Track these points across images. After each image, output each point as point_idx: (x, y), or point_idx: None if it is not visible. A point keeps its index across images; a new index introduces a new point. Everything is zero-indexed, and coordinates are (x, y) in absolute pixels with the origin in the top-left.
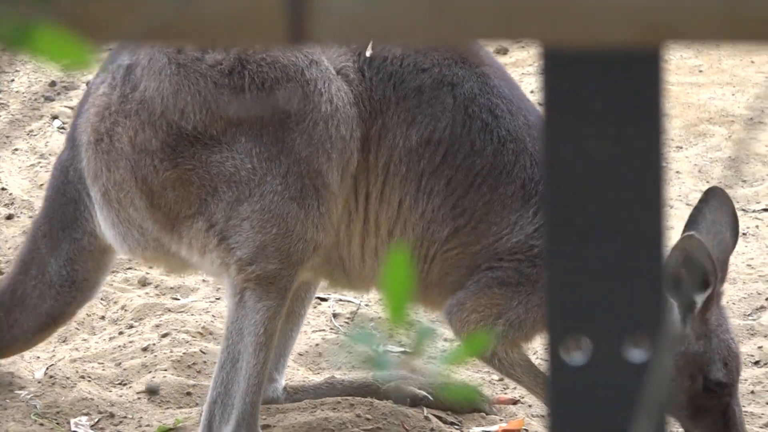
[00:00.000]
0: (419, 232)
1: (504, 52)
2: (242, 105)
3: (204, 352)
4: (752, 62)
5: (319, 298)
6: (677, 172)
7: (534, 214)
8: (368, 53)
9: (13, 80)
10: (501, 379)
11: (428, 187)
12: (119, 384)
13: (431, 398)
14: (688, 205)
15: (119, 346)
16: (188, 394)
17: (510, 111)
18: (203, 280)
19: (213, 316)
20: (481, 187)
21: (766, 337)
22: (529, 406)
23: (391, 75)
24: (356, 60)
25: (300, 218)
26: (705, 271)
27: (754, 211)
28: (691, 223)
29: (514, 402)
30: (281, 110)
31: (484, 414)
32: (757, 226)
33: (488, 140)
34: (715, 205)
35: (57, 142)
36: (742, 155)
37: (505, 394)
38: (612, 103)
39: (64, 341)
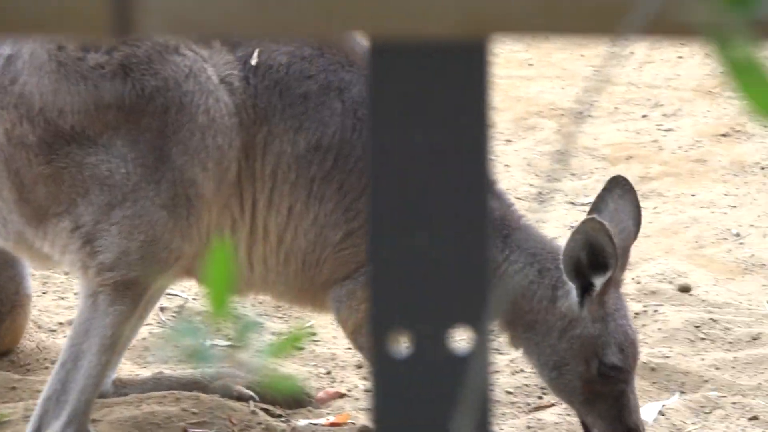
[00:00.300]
0: (311, 237)
1: None
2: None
3: (30, 347)
4: (582, 56)
5: None
6: (507, 165)
7: None
8: (254, 62)
9: None
10: (328, 373)
11: (320, 192)
12: None
13: (258, 398)
14: (517, 198)
15: None
16: (13, 388)
17: None
18: (31, 274)
19: (39, 310)
20: None
21: None
22: (356, 399)
23: (276, 82)
24: (242, 68)
25: (168, 227)
26: (605, 254)
27: (582, 204)
28: (594, 211)
29: (341, 396)
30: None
31: (310, 408)
32: None
33: None
34: (618, 194)
35: None
36: (571, 148)
37: (332, 387)
38: (438, 96)
39: None
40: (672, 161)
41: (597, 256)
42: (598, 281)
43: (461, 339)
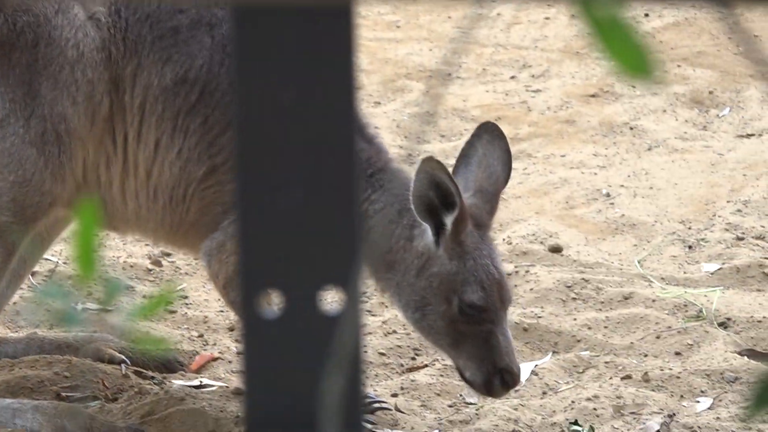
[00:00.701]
0: (176, 171)
1: None
2: None
3: None
4: (449, 17)
5: None
6: (376, 127)
7: None
8: None
9: None
10: (200, 336)
11: (184, 125)
12: None
13: (129, 362)
14: None
15: None
16: None
17: None
18: None
19: None
20: None
21: None
22: (229, 362)
23: (148, 15)
24: (113, 2)
25: (39, 166)
26: (450, 192)
27: (452, 165)
28: (463, 157)
29: (214, 359)
30: None
31: (183, 372)
32: None
33: None
34: (487, 140)
35: None
36: (440, 110)
37: (205, 350)
38: (305, 59)
39: None
40: (541, 122)
41: (446, 195)
42: (449, 220)
43: (332, 300)
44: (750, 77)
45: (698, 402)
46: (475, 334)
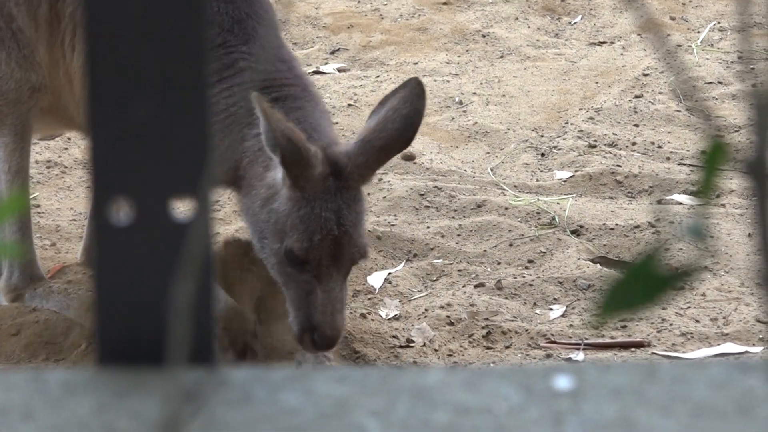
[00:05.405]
0: None
1: None
2: None
3: None
4: None
5: None
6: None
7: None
8: None
9: None
10: (53, 244)
11: None
12: None
13: None
14: None
15: None
16: None
17: None
18: None
19: None
20: None
21: None
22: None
23: None
24: None
25: (3, 57)
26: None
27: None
28: (379, 104)
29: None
30: None
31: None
32: None
33: None
34: (402, 96)
35: None
36: (292, 18)
37: (58, 259)
38: None
39: None
40: (393, 30)
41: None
42: (278, 160)
43: (183, 208)
44: None
45: (551, 310)
46: (299, 282)
